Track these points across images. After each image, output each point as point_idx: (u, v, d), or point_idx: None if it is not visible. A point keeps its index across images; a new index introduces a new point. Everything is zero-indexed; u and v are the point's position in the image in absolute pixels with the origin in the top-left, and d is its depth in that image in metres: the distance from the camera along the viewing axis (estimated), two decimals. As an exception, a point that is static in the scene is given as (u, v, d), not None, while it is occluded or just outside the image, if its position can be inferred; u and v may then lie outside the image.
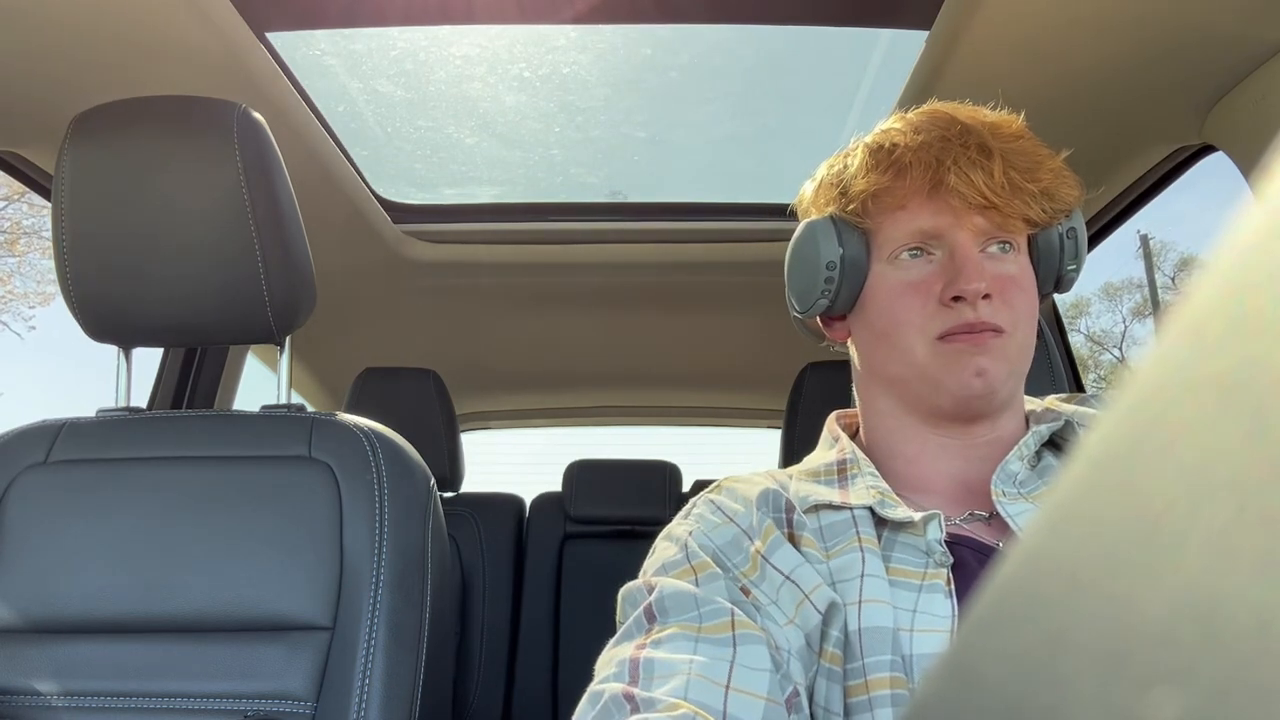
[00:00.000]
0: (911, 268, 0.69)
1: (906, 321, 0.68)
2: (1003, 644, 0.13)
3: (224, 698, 0.88)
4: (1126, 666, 0.12)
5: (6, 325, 11.77)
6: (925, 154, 0.66)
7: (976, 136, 0.66)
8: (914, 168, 0.67)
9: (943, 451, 0.70)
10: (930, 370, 0.67)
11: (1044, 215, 0.68)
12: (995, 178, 0.65)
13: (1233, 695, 0.11)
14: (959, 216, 0.67)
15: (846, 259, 0.71)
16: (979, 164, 0.65)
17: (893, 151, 0.68)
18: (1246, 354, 0.12)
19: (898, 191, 0.68)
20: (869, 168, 0.70)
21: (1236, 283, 0.13)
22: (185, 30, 1.05)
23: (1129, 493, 0.13)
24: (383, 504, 0.94)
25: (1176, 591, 0.11)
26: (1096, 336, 17.95)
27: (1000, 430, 0.70)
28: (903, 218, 0.69)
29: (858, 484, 0.70)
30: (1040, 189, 0.67)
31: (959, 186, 0.65)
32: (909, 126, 0.69)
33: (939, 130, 0.67)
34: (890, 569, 0.63)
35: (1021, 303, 0.68)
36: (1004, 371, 0.66)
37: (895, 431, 0.72)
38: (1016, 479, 0.67)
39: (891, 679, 0.58)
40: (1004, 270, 0.67)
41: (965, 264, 0.66)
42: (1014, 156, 0.66)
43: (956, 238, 0.67)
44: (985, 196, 0.65)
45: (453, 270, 1.78)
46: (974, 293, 0.65)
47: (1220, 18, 0.98)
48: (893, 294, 0.69)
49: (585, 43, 1.38)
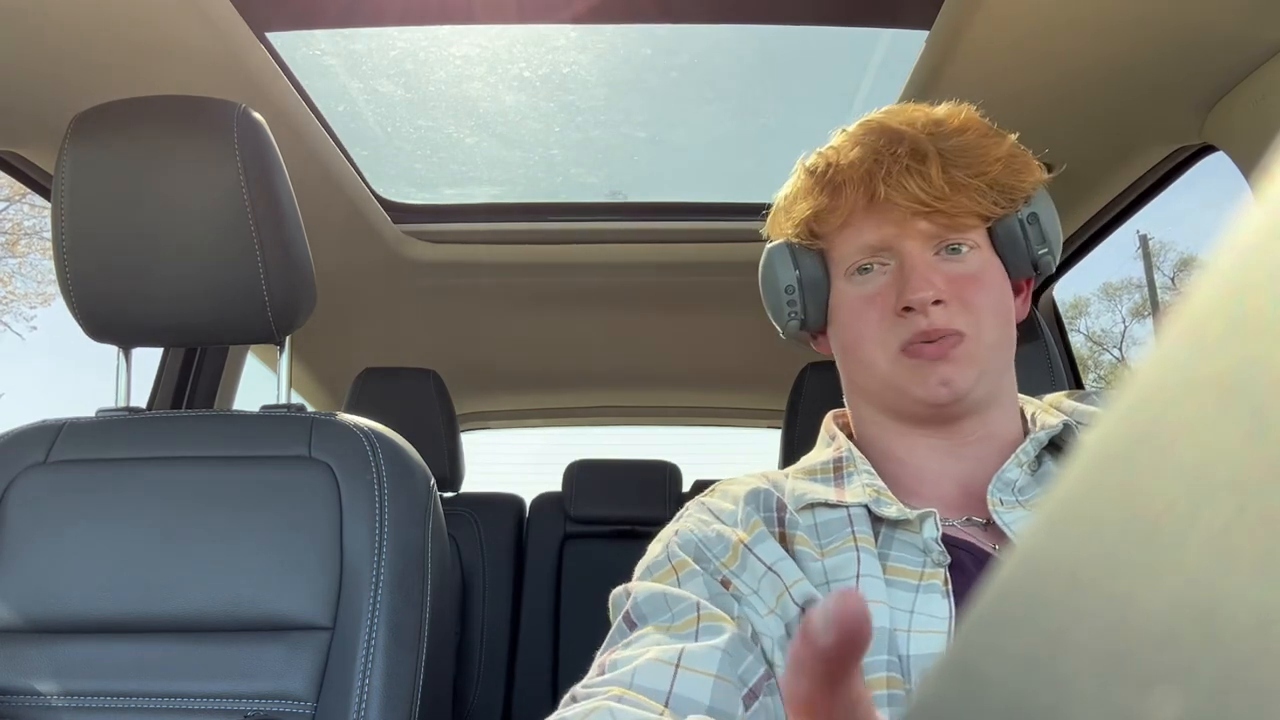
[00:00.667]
0: (866, 282, 0.70)
1: (866, 336, 0.69)
2: (1003, 643, 0.13)
3: (224, 698, 0.88)
4: (1127, 666, 0.12)
5: (8, 326, 11.83)
6: (857, 169, 0.67)
7: (909, 142, 0.66)
8: (848, 185, 0.68)
9: (933, 452, 0.70)
10: (895, 382, 0.68)
11: (997, 207, 0.68)
12: (933, 180, 0.65)
13: (1233, 695, 0.11)
14: (903, 225, 0.67)
15: (804, 280, 0.73)
16: (913, 170, 0.65)
17: (827, 171, 0.69)
18: (1247, 354, 0.12)
19: (839, 209, 0.69)
20: (807, 190, 0.71)
21: (1236, 283, 0.13)
22: (185, 30, 1.05)
23: (1129, 493, 0.13)
24: (383, 504, 0.94)
25: (1177, 591, 0.11)
26: (1096, 336, 17.95)
27: (991, 427, 0.69)
28: (849, 234, 0.70)
29: (854, 482, 0.70)
30: (988, 181, 0.66)
31: (894, 197, 0.65)
32: (847, 142, 0.70)
33: (871, 141, 0.68)
34: (888, 568, 0.63)
35: (983, 300, 0.67)
36: (971, 376, 0.66)
37: (883, 436, 0.73)
38: (1015, 486, 0.67)
39: (888, 679, 0.58)
40: (960, 270, 0.67)
41: (912, 273, 0.66)
42: (955, 154, 0.66)
43: (903, 247, 0.67)
44: (922, 201, 0.65)
45: (453, 270, 1.78)
46: (921, 301, 0.65)
47: (1220, 18, 0.98)
48: (852, 310, 0.70)
49: (585, 43, 1.38)
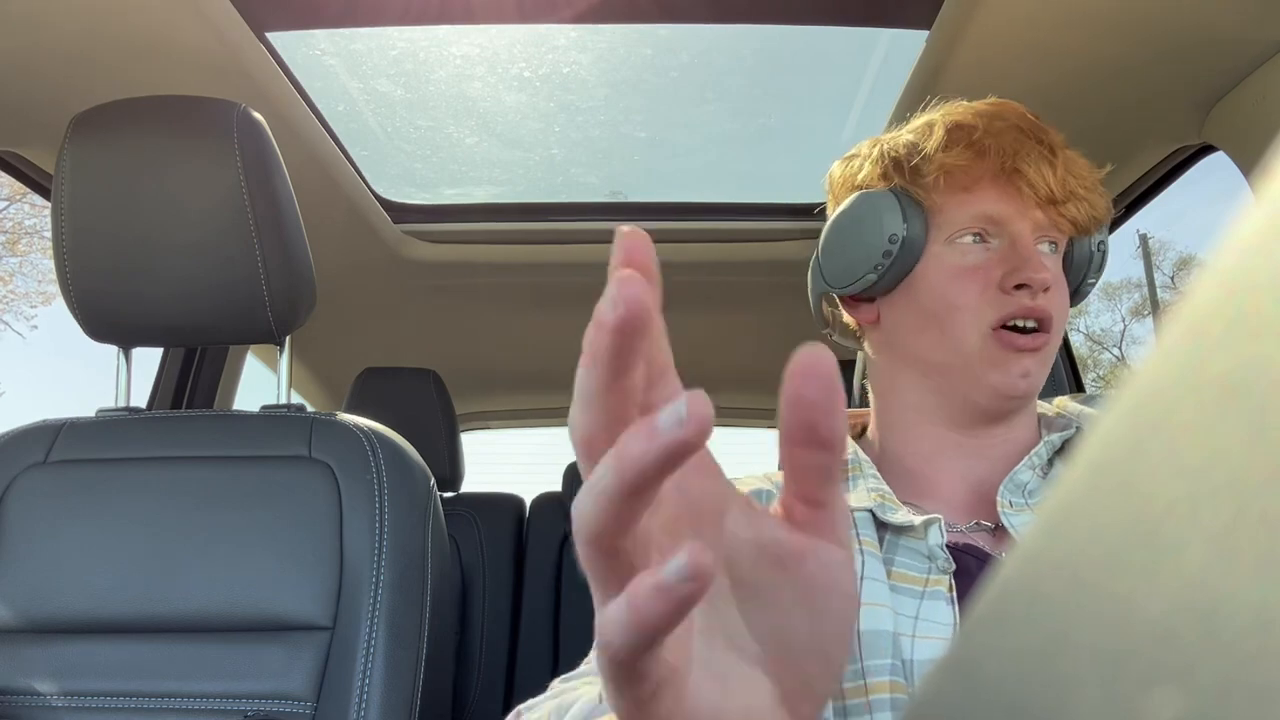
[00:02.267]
0: (970, 252, 0.68)
1: (962, 305, 0.67)
2: (1004, 643, 0.13)
3: (224, 698, 0.88)
4: (1128, 666, 0.12)
5: (9, 325, 11.87)
6: (1004, 139, 0.66)
7: (1046, 135, 0.67)
8: (993, 151, 0.66)
9: (958, 451, 0.70)
10: (976, 363, 0.66)
11: (1088, 222, 0.69)
12: (1059, 176, 0.66)
13: (1233, 695, 0.11)
14: (1024, 207, 0.67)
15: (909, 237, 0.69)
16: (1048, 159, 0.66)
17: (973, 132, 0.67)
18: (1247, 354, 0.12)
19: (972, 172, 0.68)
20: (948, 144, 0.68)
21: (1237, 283, 0.13)
22: (185, 30, 1.05)
23: (1130, 493, 0.13)
24: (383, 504, 0.94)
25: (1177, 591, 0.11)
26: (1096, 336, 17.96)
27: (1015, 432, 0.70)
28: (968, 200, 0.68)
29: (858, 486, 0.69)
30: (1087, 197, 0.68)
31: (1033, 177, 0.66)
32: (982, 111, 0.69)
33: (1014, 120, 0.68)
34: (893, 573, 0.63)
35: (1062, 303, 0.68)
36: (1043, 374, 0.67)
37: (913, 427, 0.71)
38: (1026, 489, 0.67)
39: (891, 684, 0.58)
40: (1053, 268, 0.68)
41: (1031, 254, 0.66)
42: (1073, 162, 0.68)
43: (1018, 228, 0.67)
44: (1052, 191, 0.66)
45: (453, 270, 1.78)
46: (1040, 282, 0.65)
47: (1220, 18, 0.98)
48: (949, 276, 0.68)
49: (585, 43, 1.38)
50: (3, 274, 11.83)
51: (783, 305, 1.88)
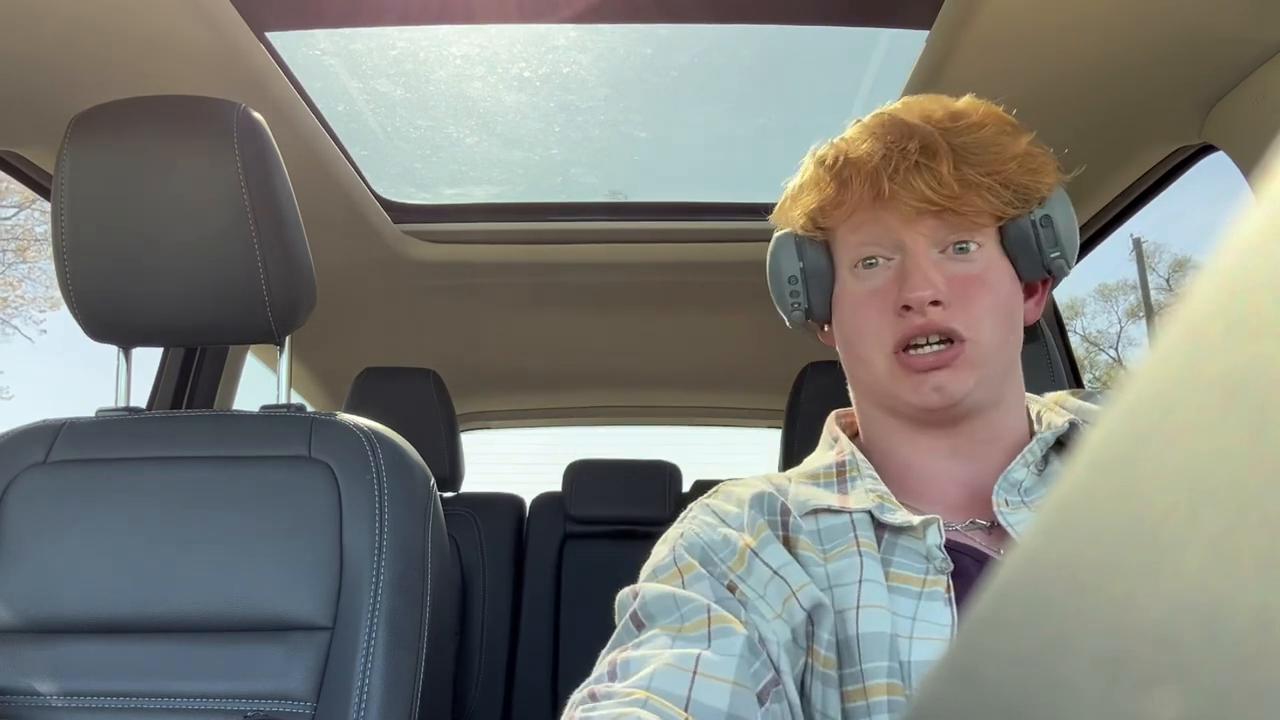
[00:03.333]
0: (870, 276, 0.68)
1: (866, 332, 0.68)
2: (1003, 645, 0.13)
3: (224, 698, 0.88)
4: (1128, 667, 0.12)
5: (18, 329, 12.03)
6: (866, 165, 0.66)
7: (921, 138, 0.65)
8: (855, 179, 0.66)
9: (938, 453, 0.69)
10: (889, 385, 0.67)
11: (1010, 208, 0.66)
12: (943, 178, 0.63)
13: (1234, 696, 0.11)
14: (909, 222, 0.66)
15: (808, 271, 0.72)
16: (923, 167, 0.64)
17: (836, 163, 0.68)
18: (1247, 355, 0.12)
19: (846, 203, 0.68)
20: (815, 180, 0.70)
21: (1237, 283, 0.13)
22: (185, 30, 1.05)
23: (1130, 494, 0.13)
24: (383, 504, 0.94)
25: (1177, 593, 0.11)
26: (1092, 337, 17.97)
27: (996, 428, 0.69)
28: (855, 228, 0.69)
29: (857, 487, 0.69)
30: (1001, 180, 0.65)
31: (899, 194, 0.64)
32: (859, 134, 0.69)
33: (882, 135, 0.66)
34: (890, 574, 0.63)
35: (985, 302, 0.66)
36: (967, 381, 0.65)
37: (887, 436, 0.72)
38: (1021, 487, 0.66)
39: (889, 686, 0.58)
40: (964, 270, 0.66)
41: (912, 271, 0.65)
42: (968, 151, 0.64)
43: (907, 243, 0.66)
44: (929, 200, 0.64)
45: (453, 270, 1.78)
46: (919, 300, 0.64)
47: (1220, 18, 0.98)
48: (854, 305, 0.70)
49: (585, 43, 1.38)
50: (12, 280, 12.00)
51: None
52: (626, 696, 0.53)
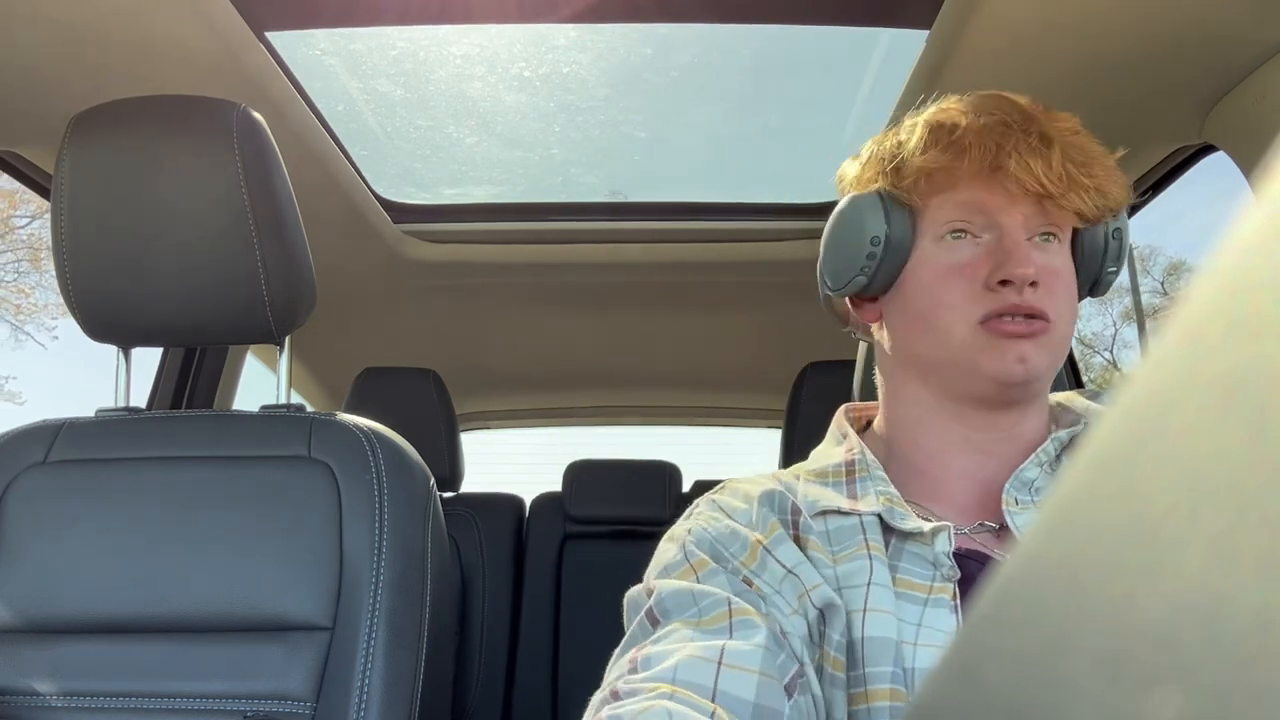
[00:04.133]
0: (957, 249, 0.67)
1: (949, 304, 0.66)
2: (1004, 644, 0.13)
3: (224, 698, 0.88)
4: (1128, 667, 0.12)
5: (31, 336, 12.18)
6: (987, 136, 0.65)
7: (1038, 124, 0.65)
8: (974, 149, 0.65)
9: (965, 446, 0.69)
10: (968, 354, 0.66)
11: (1094, 211, 0.66)
12: (1054, 167, 0.64)
13: (1234, 696, 0.11)
14: (1012, 201, 0.66)
15: (892, 237, 0.69)
16: (1039, 152, 0.64)
17: (954, 131, 0.66)
18: (1248, 355, 0.12)
19: (954, 172, 0.66)
20: (928, 144, 0.67)
21: (1237, 283, 0.13)
22: (184, 30, 1.05)
23: (1130, 494, 0.13)
24: (382, 504, 0.94)
25: (1178, 593, 0.11)
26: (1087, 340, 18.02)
27: (1024, 426, 0.69)
28: (952, 198, 0.67)
29: (867, 489, 0.69)
30: (1094, 184, 0.65)
31: (1018, 172, 0.64)
32: (969, 107, 0.68)
33: (1001, 114, 0.66)
34: (897, 579, 0.62)
35: (1063, 296, 0.67)
36: (1045, 362, 0.65)
37: (920, 422, 0.71)
38: (1033, 486, 0.66)
39: (891, 691, 0.58)
40: (1049, 261, 0.66)
41: (1015, 249, 0.64)
42: (1071, 149, 0.65)
43: (1006, 223, 0.66)
44: (1042, 185, 0.64)
45: (453, 270, 1.78)
46: (1022, 278, 0.64)
47: (1220, 18, 0.98)
48: (936, 275, 0.67)
49: (585, 43, 1.38)
50: (26, 288, 12.19)
51: (783, 305, 1.88)
52: (652, 690, 0.52)
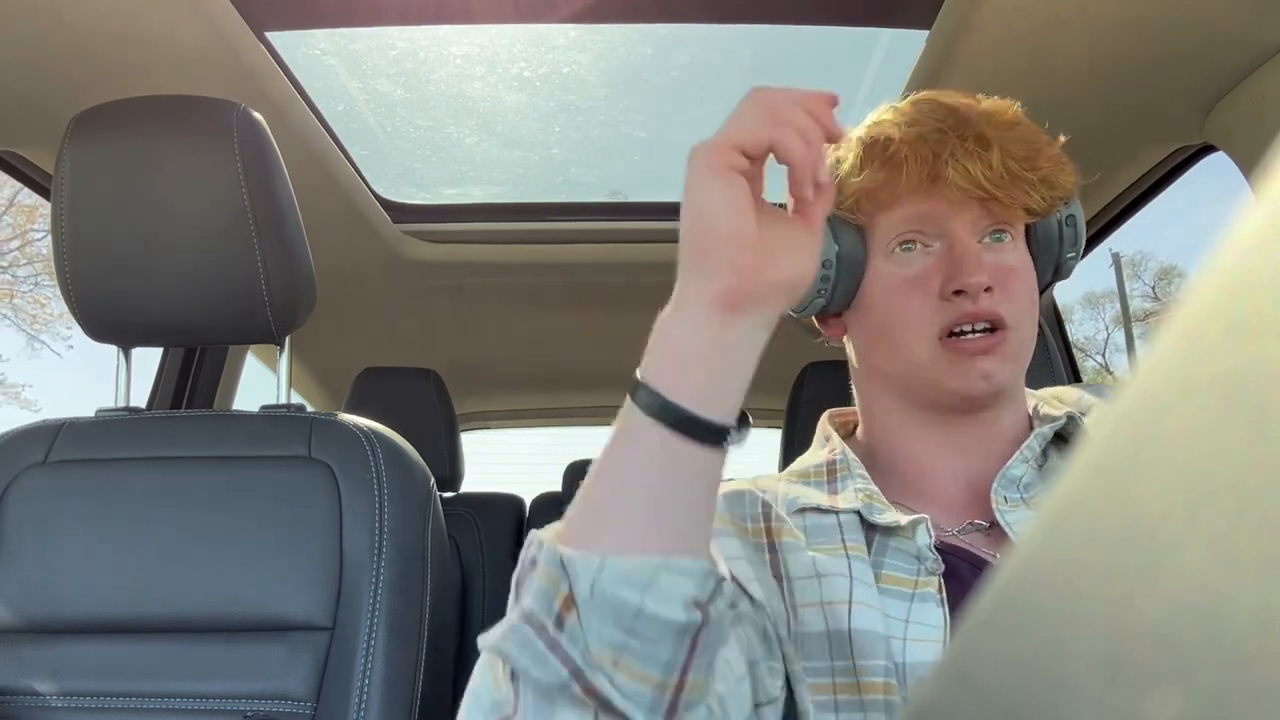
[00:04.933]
0: (909, 262, 0.67)
1: (906, 320, 0.66)
2: (1001, 648, 0.13)
3: (224, 698, 0.88)
4: (1126, 669, 0.12)
5: (46, 344, 12.50)
6: (921, 147, 0.64)
7: (973, 126, 0.64)
8: (909, 162, 0.64)
9: (946, 449, 0.69)
10: (931, 372, 0.66)
11: (1043, 204, 0.66)
12: (994, 168, 0.63)
13: (1233, 697, 0.11)
14: (956, 208, 0.65)
15: (842, 256, 0.69)
16: (976, 154, 0.63)
17: (887, 146, 0.66)
18: (1247, 355, 0.12)
19: (894, 187, 0.66)
20: (864, 163, 0.67)
21: (1237, 283, 0.13)
22: (185, 30, 1.05)
23: (1128, 496, 0.13)
24: (382, 504, 0.94)
25: (1177, 594, 0.11)
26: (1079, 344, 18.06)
27: (1002, 423, 0.69)
28: (898, 210, 0.67)
29: (846, 487, 0.69)
30: (1039, 177, 0.65)
31: (957, 179, 0.63)
32: (901, 118, 0.67)
33: (934, 121, 0.65)
34: (882, 576, 0.63)
35: (1022, 294, 0.66)
36: (1009, 371, 0.65)
37: (897, 430, 0.71)
38: (1021, 483, 0.66)
39: (885, 685, 0.58)
40: (1003, 261, 0.66)
41: (965, 256, 0.64)
42: (1012, 144, 0.64)
43: (954, 229, 0.65)
44: (983, 188, 0.63)
45: (452, 270, 1.78)
46: (975, 285, 0.63)
47: (1220, 18, 0.98)
48: (891, 290, 0.68)
49: (585, 43, 1.38)
50: (42, 298, 12.36)
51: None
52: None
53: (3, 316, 12.31)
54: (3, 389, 12.45)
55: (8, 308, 12.31)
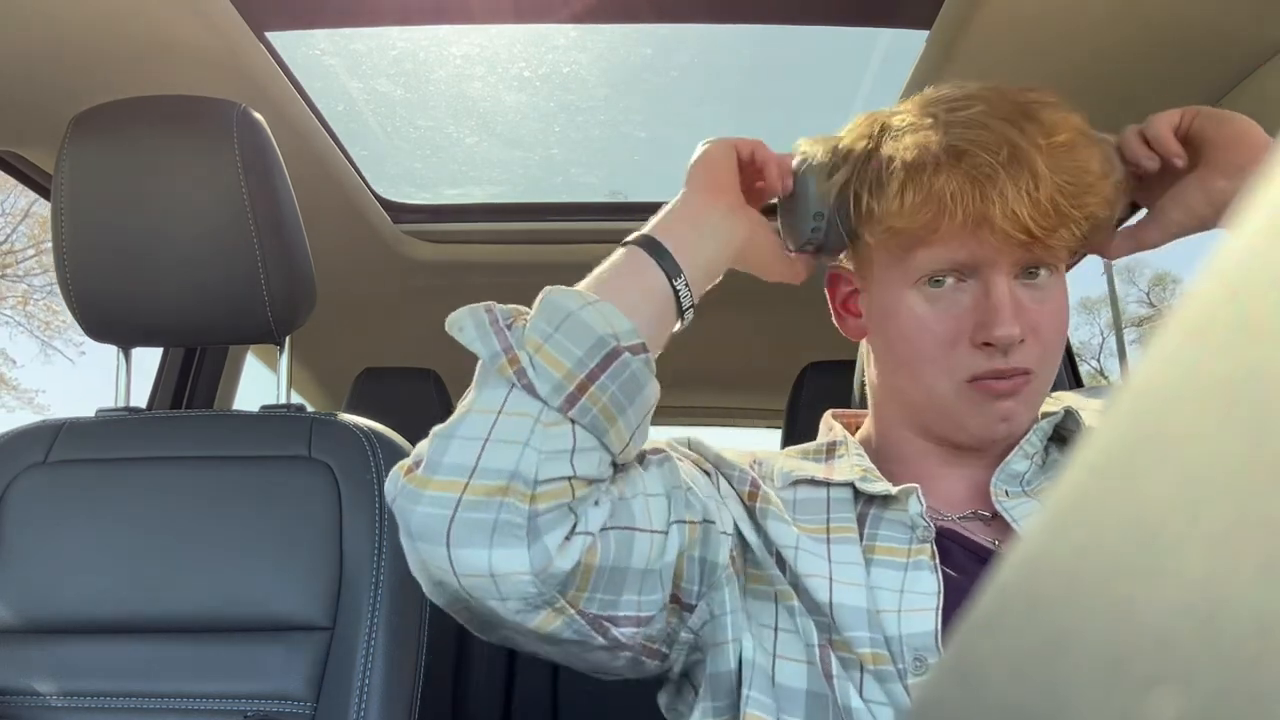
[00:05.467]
0: (940, 299, 0.64)
1: (932, 359, 0.64)
2: (1003, 646, 0.13)
3: (224, 698, 0.88)
4: (1127, 669, 0.12)
5: (60, 351, 12.70)
6: (969, 187, 0.59)
7: (1028, 161, 0.59)
8: (956, 202, 0.60)
9: (946, 461, 0.70)
10: (953, 411, 0.65)
11: (1079, 242, 0.64)
12: (1041, 207, 0.59)
13: (1233, 697, 0.11)
14: (998, 251, 0.62)
15: (830, 219, 0.69)
16: (1026, 195, 0.59)
17: (935, 179, 0.60)
18: (1248, 357, 0.12)
19: (935, 227, 0.62)
20: (905, 191, 0.62)
21: (1238, 285, 0.13)
22: (185, 30, 1.05)
23: (1130, 495, 0.13)
24: (382, 504, 0.94)
25: (1177, 594, 0.11)
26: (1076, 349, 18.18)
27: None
28: (935, 241, 0.63)
29: (842, 461, 0.70)
30: (1084, 214, 0.61)
31: (1004, 225, 0.59)
32: (949, 137, 0.61)
33: (986, 154, 0.60)
34: (876, 548, 0.63)
35: (1053, 334, 0.65)
36: (1030, 412, 0.65)
37: (906, 443, 0.71)
38: (1021, 478, 0.67)
39: (873, 655, 0.59)
40: (1038, 300, 0.64)
41: (1000, 308, 0.61)
42: (1064, 176, 0.60)
43: (991, 275, 0.62)
44: (1030, 233, 0.59)
45: (453, 270, 1.78)
46: (1008, 340, 0.61)
47: (1220, 18, 0.98)
48: (918, 326, 0.65)
49: (585, 43, 1.38)
50: (55, 305, 12.71)
51: (783, 305, 1.87)
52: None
53: (17, 324, 12.73)
54: (16, 394, 12.77)
55: (21, 315, 12.69)
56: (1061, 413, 0.69)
